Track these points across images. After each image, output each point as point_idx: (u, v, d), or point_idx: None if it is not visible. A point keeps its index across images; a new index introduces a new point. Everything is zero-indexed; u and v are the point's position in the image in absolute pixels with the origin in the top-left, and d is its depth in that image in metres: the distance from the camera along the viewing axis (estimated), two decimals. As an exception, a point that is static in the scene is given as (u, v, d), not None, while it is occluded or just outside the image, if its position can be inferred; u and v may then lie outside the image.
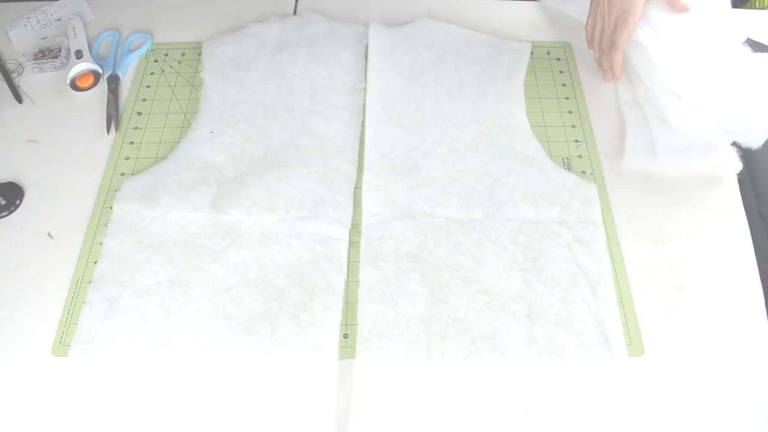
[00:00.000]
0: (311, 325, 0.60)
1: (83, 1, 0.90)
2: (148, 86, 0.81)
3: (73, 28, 0.85)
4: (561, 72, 0.81)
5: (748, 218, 0.67)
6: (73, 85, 0.80)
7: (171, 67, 0.83)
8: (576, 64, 0.81)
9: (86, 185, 0.71)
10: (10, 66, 0.83)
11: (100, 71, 0.81)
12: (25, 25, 0.87)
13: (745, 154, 0.68)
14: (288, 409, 0.56)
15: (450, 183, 0.70)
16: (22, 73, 0.82)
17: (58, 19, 0.88)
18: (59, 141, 0.75)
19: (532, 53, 0.82)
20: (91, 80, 0.80)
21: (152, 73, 0.82)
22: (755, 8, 0.93)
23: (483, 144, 0.73)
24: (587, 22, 0.77)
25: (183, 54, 0.84)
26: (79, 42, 0.83)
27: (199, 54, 0.83)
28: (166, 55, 0.84)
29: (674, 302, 0.62)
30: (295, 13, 0.88)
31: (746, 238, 0.66)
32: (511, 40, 0.83)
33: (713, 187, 0.69)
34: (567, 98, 0.78)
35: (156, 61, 0.83)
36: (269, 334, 0.60)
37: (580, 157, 0.72)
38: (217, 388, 0.58)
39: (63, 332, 0.61)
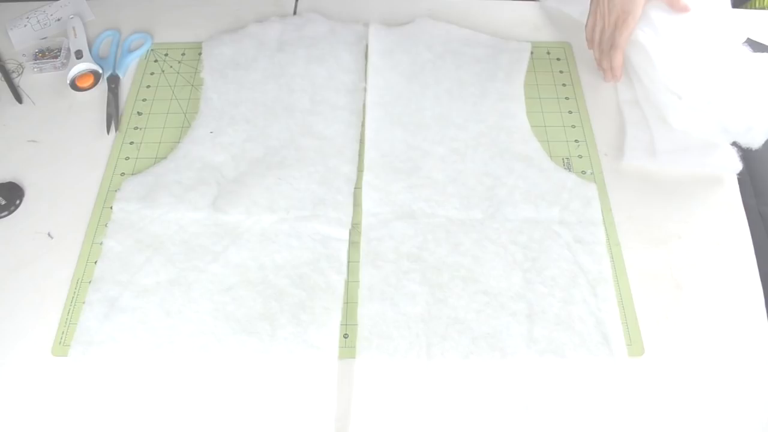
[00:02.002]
0: (311, 325, 0.60)
1: (83, 1, 0.90)
2: (148, 86, 0.81)
3: (73, 28, 0.85)
4: (561, 72, 0.81)
5: (748, 218, 0.67)
6: (73, 85, 0.80)
7: (171, 67, 0.83)
8: (576, 64, 0.81)
9: (86, 185, 0.71)
10: (10, 66, 0.83)
11: (100, 71, 0.81)
12: (25, 25, 0.87)
13: (745, 154, 0.68)
14: (288, 409, 0.56)
15: (450, 183, 0.70)
16: (22, 73, 0.82)
17: (58, 19, 0.88)
18: (59, 141, 0.75)
19: (532, 53, 0.82)
20: (91, 80, 0.80)
21: (152, 73, 0.82)
22: (755, 8, 0.93)
23: (483, 144, 0.73)
24: (587, 22, 0.77)
25: (183, 54, 0.84)
26: (79, 42, 0.83)
27: (199, 54, 0.83)
28: (166, 55, 0.84)
29: (674, 302, 0.62)
30: (295, 13, 0.88)
31: (746, 238, 0.66)
32: (511, 40, 0.83)
33: (713, 187, 0.69)
34: (567, 98, 0.78)
35: (156, 61, 0.83)
36: (269, 334, 0.60)
37: (580, 157, 0.72)
38: (217, 388, 0.58)
39: (63, 332, 0.61)
